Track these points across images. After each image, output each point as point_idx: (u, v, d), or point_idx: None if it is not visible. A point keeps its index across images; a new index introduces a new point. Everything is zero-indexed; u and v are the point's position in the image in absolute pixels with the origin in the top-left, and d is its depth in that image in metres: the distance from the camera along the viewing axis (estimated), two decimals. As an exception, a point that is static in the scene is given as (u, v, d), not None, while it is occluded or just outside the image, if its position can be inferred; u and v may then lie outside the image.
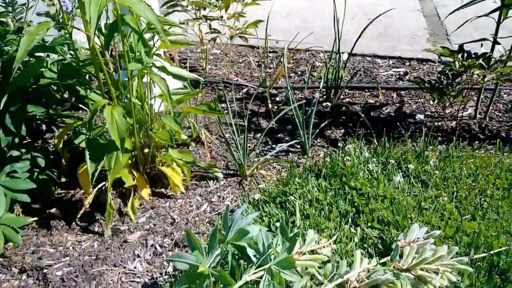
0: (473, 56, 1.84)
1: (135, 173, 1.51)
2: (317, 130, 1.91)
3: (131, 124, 1.43)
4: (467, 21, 1.90)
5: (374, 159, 1.68)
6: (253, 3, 2.26)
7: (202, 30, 2.33)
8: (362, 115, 1.97)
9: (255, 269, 1.05)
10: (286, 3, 3.34)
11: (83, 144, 1.41)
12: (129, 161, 1.51)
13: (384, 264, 1.20)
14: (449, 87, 1.87)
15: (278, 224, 1.35)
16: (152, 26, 1.39)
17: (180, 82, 1.59)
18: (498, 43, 1.88)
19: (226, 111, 2.02)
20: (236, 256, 1.15)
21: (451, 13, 1.93)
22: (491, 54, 1.85)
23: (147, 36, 1.48)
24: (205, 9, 2.27)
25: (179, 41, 1.64)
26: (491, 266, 1.24)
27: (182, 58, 2.62)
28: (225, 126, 1.95)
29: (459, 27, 1.96)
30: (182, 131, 1.63)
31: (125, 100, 1.46)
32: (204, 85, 2.31)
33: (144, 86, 1.53)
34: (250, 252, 1.10)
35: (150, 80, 1.48)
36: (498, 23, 1.85)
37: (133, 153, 1.52)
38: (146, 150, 1.56)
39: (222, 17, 2.30)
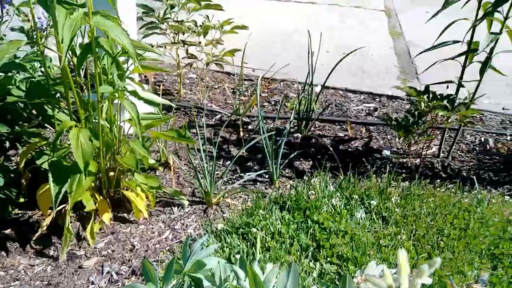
0: (438, 97, 1.92)
1: (97, 196, 1.49)
2: (286, 161, 1.94)
3: (98, 147, 1.42)
4: (434, 63, 1.99)
5: (339, 194, 1.72)
6: (232, 31, 2.31)
7: (180, 54, 2.36)
8: (331, 149, 2.01)
9: (210, 303, 1.04)
10: (265, 33, 3.42)
11: (45, 165, 1.38)
12: (93, 184, 1.49)
13: (339, 301, 1.21)
14: (415, 126, 1.94)
15: (238, 256, 1.35)
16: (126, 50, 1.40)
17: (152, 107, 1.60)
18: (463, 86, 1.97)
19: (196, 137, 2.03)
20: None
21: (420, 53, 2.02)
22: (455, 96, 1.94)
23: (121, 59, 1.49)
24: (183, 33, 2.30)
25: (153, 67, 1.66)
26: (443, 306, 1.28)
27: (158, 80, 2.63)
28: (195, 152, 1.96)
29: (427, 69, 2.06)
30: (150, 156, 1.63)
31: (95, 120, 1.45)
32: (177, 109, 2.32)
33: (114, 108, 1.52)
34: (206, 284, 1.09)
35: (120, 103, 1.48)
36: (464, 66, 1.94)
37: (97, 175, 1.50)
38: (112, 174, 1.55)
39: (200, 42, 2.33)
